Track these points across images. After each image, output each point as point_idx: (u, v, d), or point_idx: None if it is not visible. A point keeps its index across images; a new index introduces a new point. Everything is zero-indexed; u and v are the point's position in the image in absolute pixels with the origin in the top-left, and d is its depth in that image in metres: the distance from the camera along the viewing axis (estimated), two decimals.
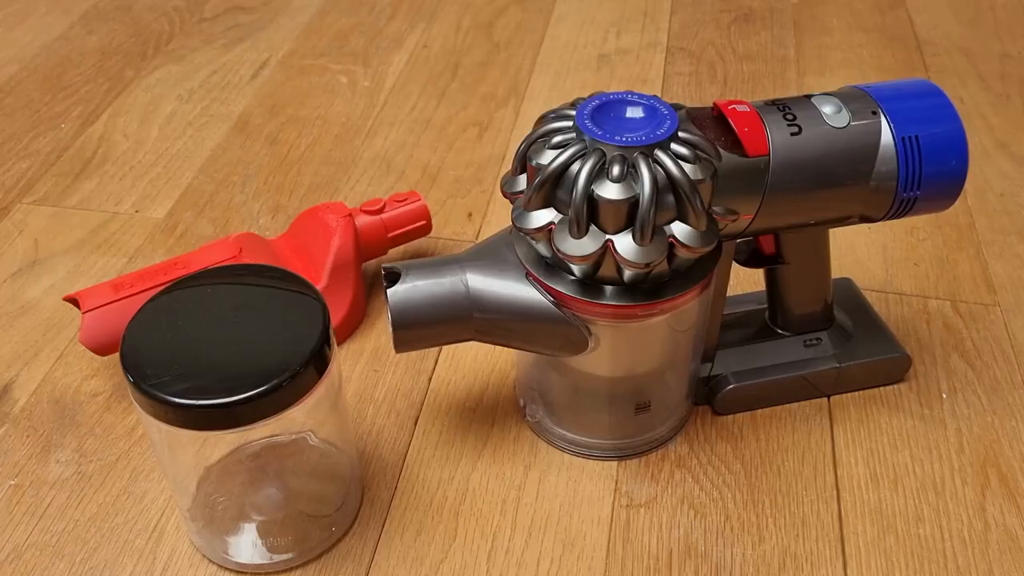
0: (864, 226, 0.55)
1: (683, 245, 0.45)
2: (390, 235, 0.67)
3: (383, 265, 0.52)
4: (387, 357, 0.63)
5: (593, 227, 0.45)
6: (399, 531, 0.53)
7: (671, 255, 0.46)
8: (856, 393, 0.61)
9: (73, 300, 0.59)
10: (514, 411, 0.60)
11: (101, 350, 0.58)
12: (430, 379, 0.62)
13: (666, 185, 0.44)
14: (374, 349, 0.64)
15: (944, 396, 0.60)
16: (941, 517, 0.54)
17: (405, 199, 0.67)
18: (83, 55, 0.97)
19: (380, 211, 0.66)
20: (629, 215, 0.45)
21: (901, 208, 0.52)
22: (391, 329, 0.50)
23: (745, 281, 0.68)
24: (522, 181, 0.48)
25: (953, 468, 0.56)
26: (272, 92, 0.91)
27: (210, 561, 0.51)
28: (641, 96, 0.48)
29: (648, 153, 0.45)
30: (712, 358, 0.59)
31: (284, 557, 0.51)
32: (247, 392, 0.42)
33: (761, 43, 0.98)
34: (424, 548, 0.52)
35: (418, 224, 0.68)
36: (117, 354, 0.47)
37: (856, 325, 0.61)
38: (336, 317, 0.63)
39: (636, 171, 0.44)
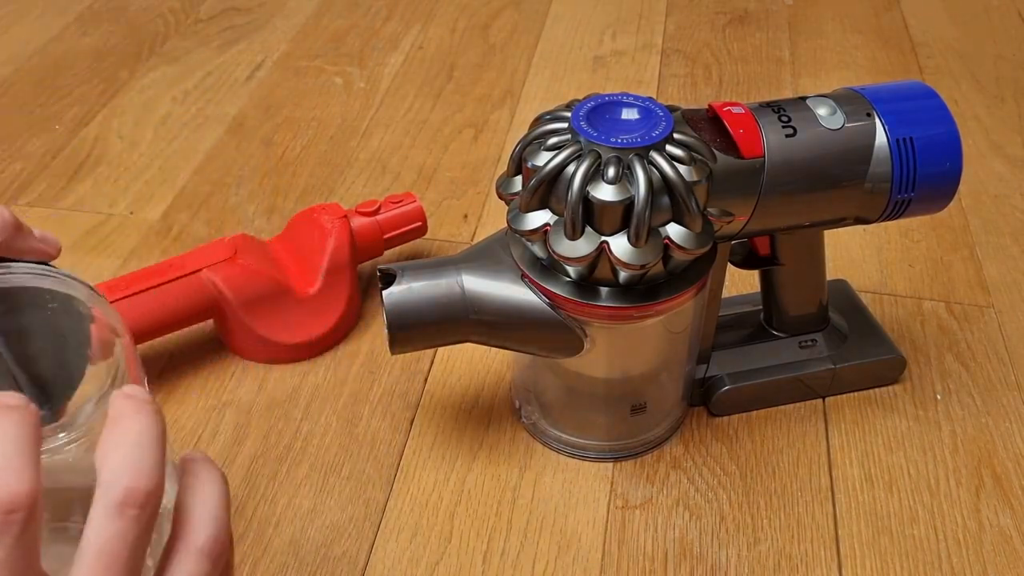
0: (859, 228, 0.55)
1: (678, 247, 0.45)
2: (386, 237, 0.67)
3: (379, 267, 0.52)
4: (383, 359, 0.63)
5: (588, 229, 0.45)
6: (394, 533, 0.53)
7: (666, 257, 0.46)
8: (851, 394, 0.61)
9: None
10: (510, 413, 0.60)
11: None
12: (426, 380, 0.62)
13: (661, 187, 0.44)
14: (369, 351, 0.64)
15: (939, 397, 0.61)
16: (935, 518, 0.54)
17: (401, 200, 0.67)
18: (78, 56, 0.97)
19: (376, 213, 0.66)
20: (624, 217, 0.45)
21: (896, 210, 0.52)
22: (387, 331, 0.50)
23: (740, 283, 0.68)
24: (517, 183, 0.48)
25: (948, 469, 0.56)
26: (267, 93, 0.91)
27: None
28: (636, 98, 0.48)
29: (643, 155, 0.45)
30: (708, 359, 0.59)
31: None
32: None
33: (756, 45, 0.99)
34: (419, 550, 0.52)
35: (414, 226, 0.68)
36: None
37: (851, 326, 0.61)
38: (331, 319, 0.63)
39: (631, 173, 0.44)
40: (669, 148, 0.45)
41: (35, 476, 0.25)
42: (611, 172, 0.44)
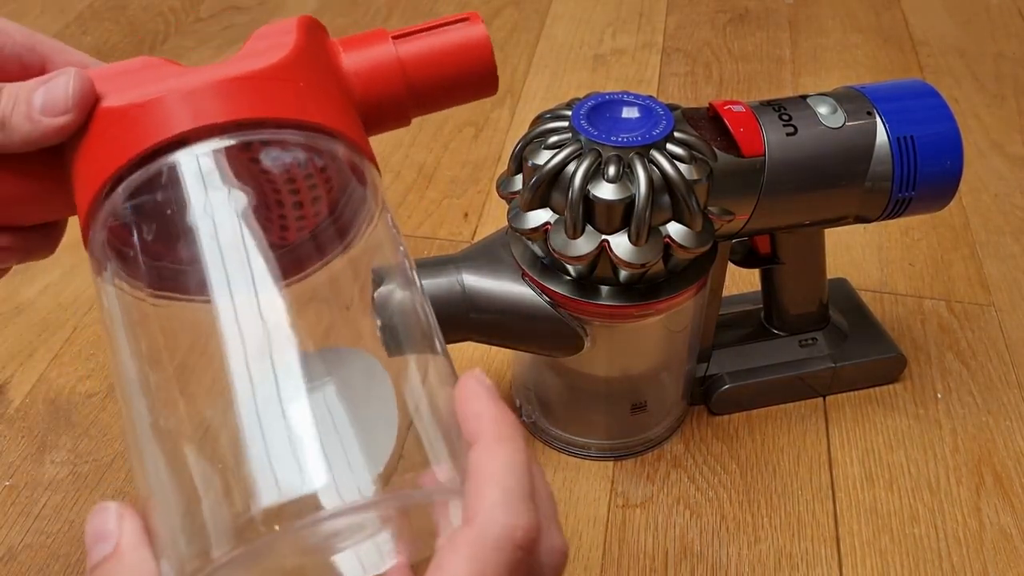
0: (859, 226, 0.55)
1: (679, 245, 0.45)
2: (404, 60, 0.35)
3: (373, 268, 0.51)
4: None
5: (589, 227, 0.45)
6: None
7: (667, 255, 0.46)
8: (851, 393, 0.61)
9: None
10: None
11: None
12: None
13: (662, 185, 0.44)
14: None
15: (939, 396, 0.61)
16: (936, 516, 0.54)
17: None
18: None
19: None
20: (625, 215, 0.45)
21: (896, 208, 0.52)
22: None
23: (741, 281, 0.68)
24: (518, 181, 0.48)
25: (948, 468, 0.56)
26: None
27: None
28: (637, 96, 0.48)
29: (644, 153, 0.45)
30: (708, 358, 0.59)
31: None
32: None
33: (757, 44, 0.99)
34: None
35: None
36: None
37: (851, 325, 0.61)
38: None
39: (632, 171, 0.44)
40: (670, 147, 0.45)
41: None
42: (612, 171, 0.44)
